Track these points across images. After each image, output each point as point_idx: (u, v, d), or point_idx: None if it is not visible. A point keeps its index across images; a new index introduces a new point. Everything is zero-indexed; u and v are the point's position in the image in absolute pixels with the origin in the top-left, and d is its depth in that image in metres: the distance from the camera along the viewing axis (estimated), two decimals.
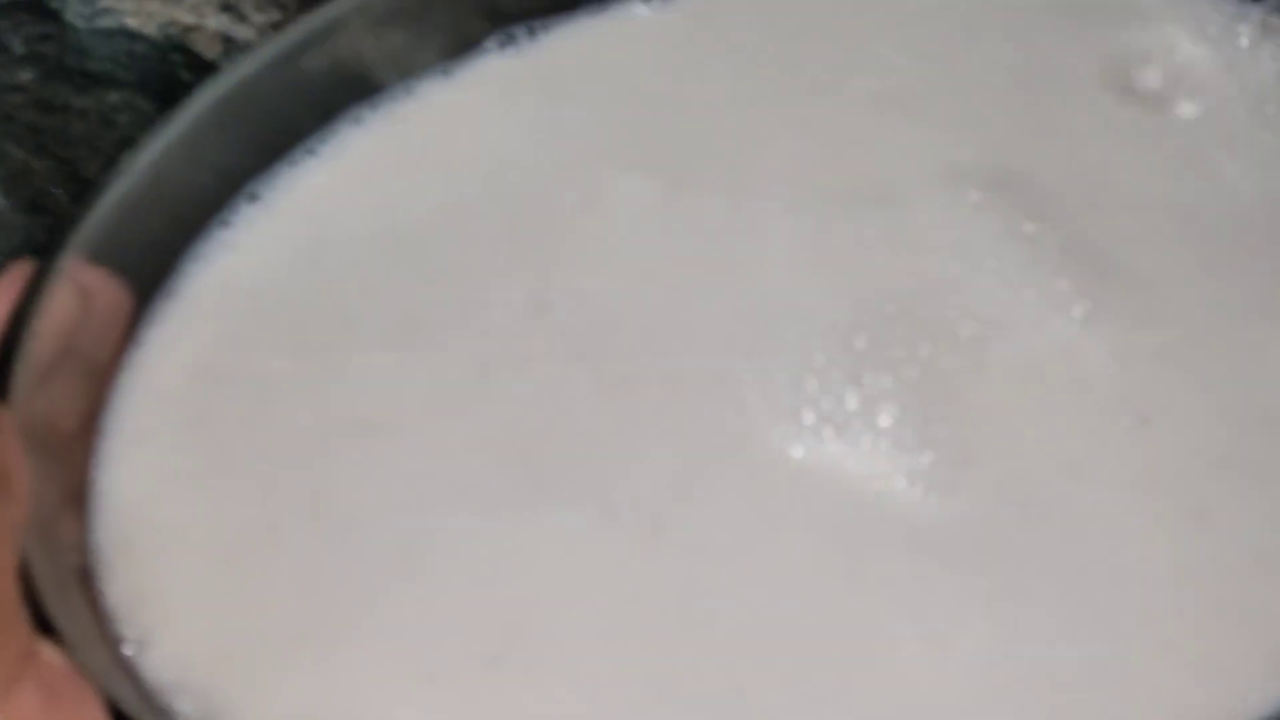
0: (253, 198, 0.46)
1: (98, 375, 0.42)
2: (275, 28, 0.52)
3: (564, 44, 0.49)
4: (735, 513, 0.39)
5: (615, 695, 0.36)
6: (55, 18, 0.53)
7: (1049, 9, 0.49)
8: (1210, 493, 0.39)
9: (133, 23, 0.53)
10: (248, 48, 0.47)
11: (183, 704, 0.36)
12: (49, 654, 0.32)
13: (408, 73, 0.48)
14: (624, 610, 0.37)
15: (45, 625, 0.34)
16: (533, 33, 0.49)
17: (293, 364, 0.43)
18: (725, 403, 0.41)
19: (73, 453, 0.41)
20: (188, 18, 0.54)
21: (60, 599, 0.36)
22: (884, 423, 0.40)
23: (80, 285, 0.40)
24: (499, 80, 0.49)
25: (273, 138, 0.47)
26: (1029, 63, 0.48)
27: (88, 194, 0.42)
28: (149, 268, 0.44)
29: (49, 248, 0.41)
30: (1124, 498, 0.39)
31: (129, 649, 0.37)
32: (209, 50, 0.55)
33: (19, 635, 0.32)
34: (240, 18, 0.55)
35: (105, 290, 0.41)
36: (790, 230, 0.44)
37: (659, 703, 0.36)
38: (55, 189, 0.52)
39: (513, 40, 0.49)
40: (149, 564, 0.39)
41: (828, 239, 0.43)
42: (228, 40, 0.55)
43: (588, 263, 0.44)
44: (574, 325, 0.42)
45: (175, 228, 0.45)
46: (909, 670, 0.36)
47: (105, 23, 0.54)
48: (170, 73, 0.53)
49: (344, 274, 0.45)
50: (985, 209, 0.43)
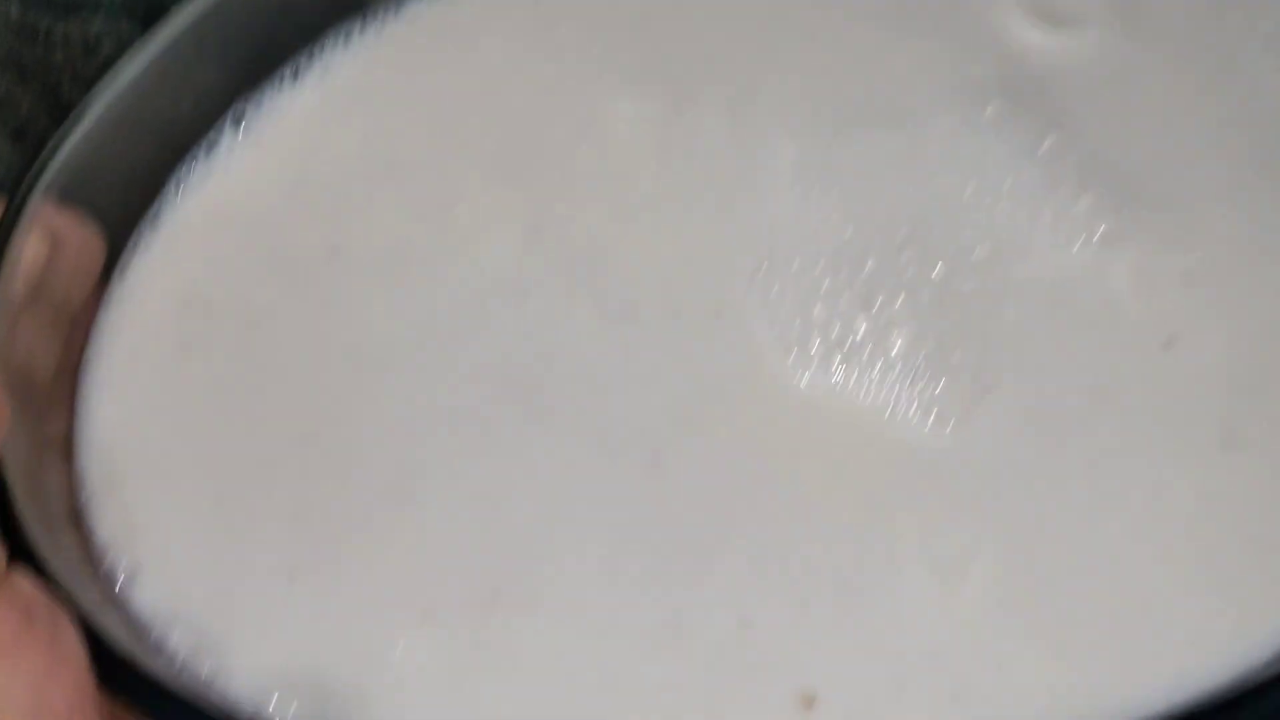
0: (237, 122, 0.45)
1: (72, 318, 0.40)
2: None
3: None
4: (739, 444, 0.37)
5: (617, 629, 0.35)
6: None
7: None
8: (1238, 419, 0.37)
9: None
10: None
11: (175, 638, 0.35)
12: (21, 580, 0.31)
13: None
14: (625, 543, 0.36)
15: (36, 568, 0.33)
16: None
17: (282, 294, 0.41)
18: (728, 331, 0.39)
19: (54, 395, 0.39)
20: None
21: (50, 540, 0.35)
22: (895, 349, 0.38)
23: (50, 229, 0.39)
24: None
25: (257, 59, 0.45)
26: None
27: (64, 123, 0.41)
28: (131, 195, 0.43)
29: (20, 181, 0.39)
30: (1148, 424, 0.37)
31: (119, 584, 0.36)
32: None
33: None
34: None
35: (76, 234, 0.40)
36: (796, 151, 0.42)
37: (663, 635, 0.34)
38: (39, 117, 0.50)
39: None
40: (139, 499, 0.38)
41: (835, 159, 0.41)
42: None
43: (584, 188, 0.42)
44: (570, 253, 0.41)
45: (157, 154, 0.44)
46: (918, 602, 0.34)
47: None
48: None
49: (333, 201, 0.43)
50: (1000, 126, 0.41)
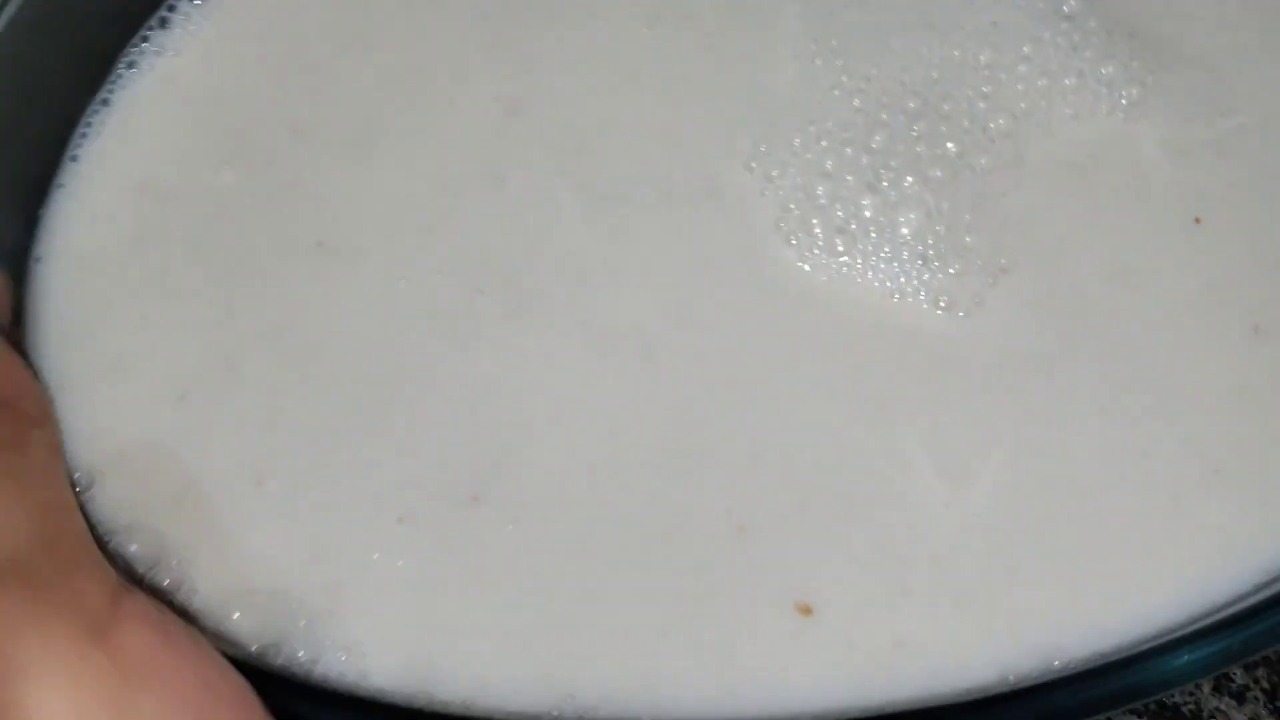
0: None
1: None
2: None
3: None
4: (736, 336, 0.35)
5: (604, 534, 0.33)
6: None
7: None
8: (1272, 301, 0.34)
9: None
10: None
11: (133, 547, 0.33)
12: (141, 596, 0.29)
13: None
14: (613, 443, 0.34)
15: None
16: None
17: (244, 179, 0.38)
18: (724, 215, 0.36)
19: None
20: None
21: None
22: (904, 232, 0.35)
23: None
24: None
25: None
26: None
27: None
28: (79, 73, 0.40)
29: None
30: (1174, 308, 0.35)
31: (77, 491, 0.34)
32: None
33: (105, 572, 0.28)
34: None
35: None
36: (797, 15, 0.38)
37: (652, 540, 0.32)
38: None
39: None
40: (96, 400, 0.36)
41: (842, 22, 0.38)
42: None
43: (567, 57, 0.39)
44: (553, 131, 0.38)
45: (107, 28, 0.40)
46: (923, 505, 0.32)
47: None
48: None
49: (298, 76, 0.40)
50: None
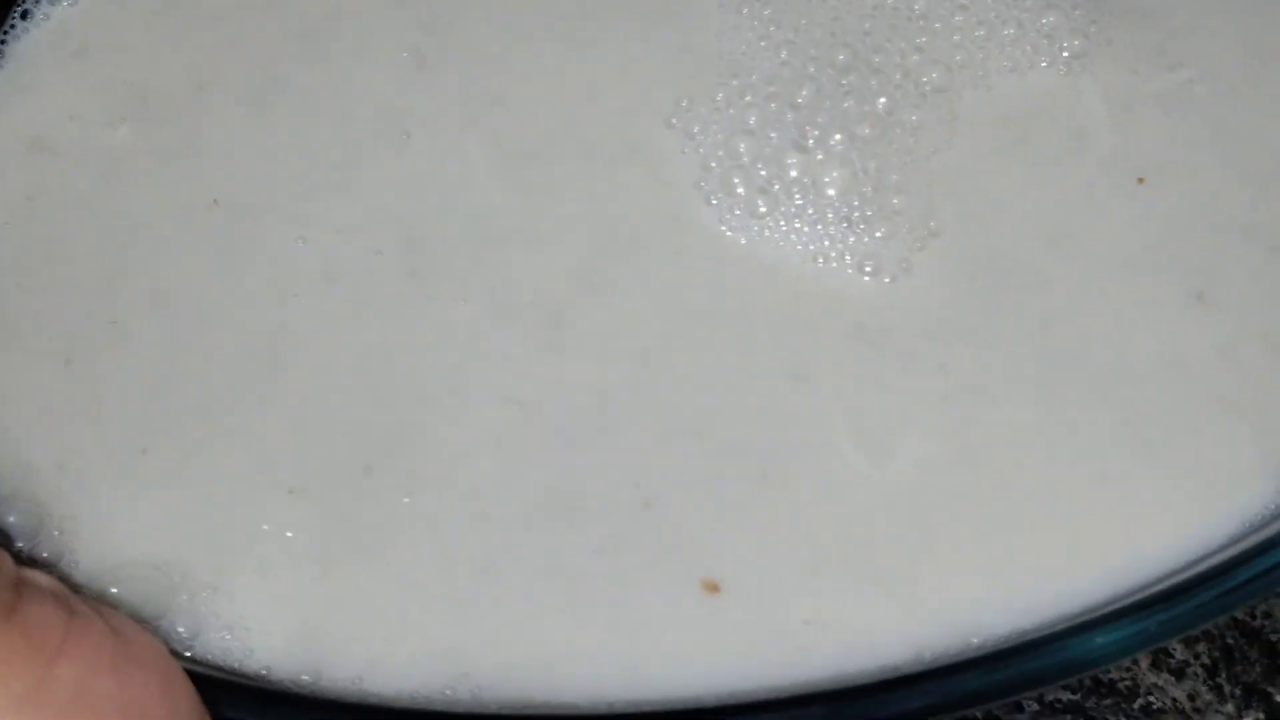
0: None
1: None
2: None
3: None
4: (650, 302, 0.33)
5: (505, 509, 0.31)
6: None
7: None
8: (1215, 267, 0.33)
9: None
10: None
11: (12, 517, 0.32)
12: (43, 578, 0.27)
13: None
14: (517, 414, 0.32)
15: None
16: None
17: (140, 136, 0.36)
18: (643, 175, 0.34)
19: None
20: None
21: None
22: (830, 192, 0.34)
23: None
24: None
25: None
26: None
27: None
28: None
29: None
30: (1114, 274, 0.33)
31: None
32: None
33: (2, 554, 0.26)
34: None
35: None
36: None
37: (554, 517, 0.31)
38: None
39: None
40: None
41: None
42: None
43: (478, 8, 0.36)
44: (465, 85, 0.36)
45: None
46: (839, 481, 0.30)
47: None
48: None
49: (193, 29, 0.37)
50: None
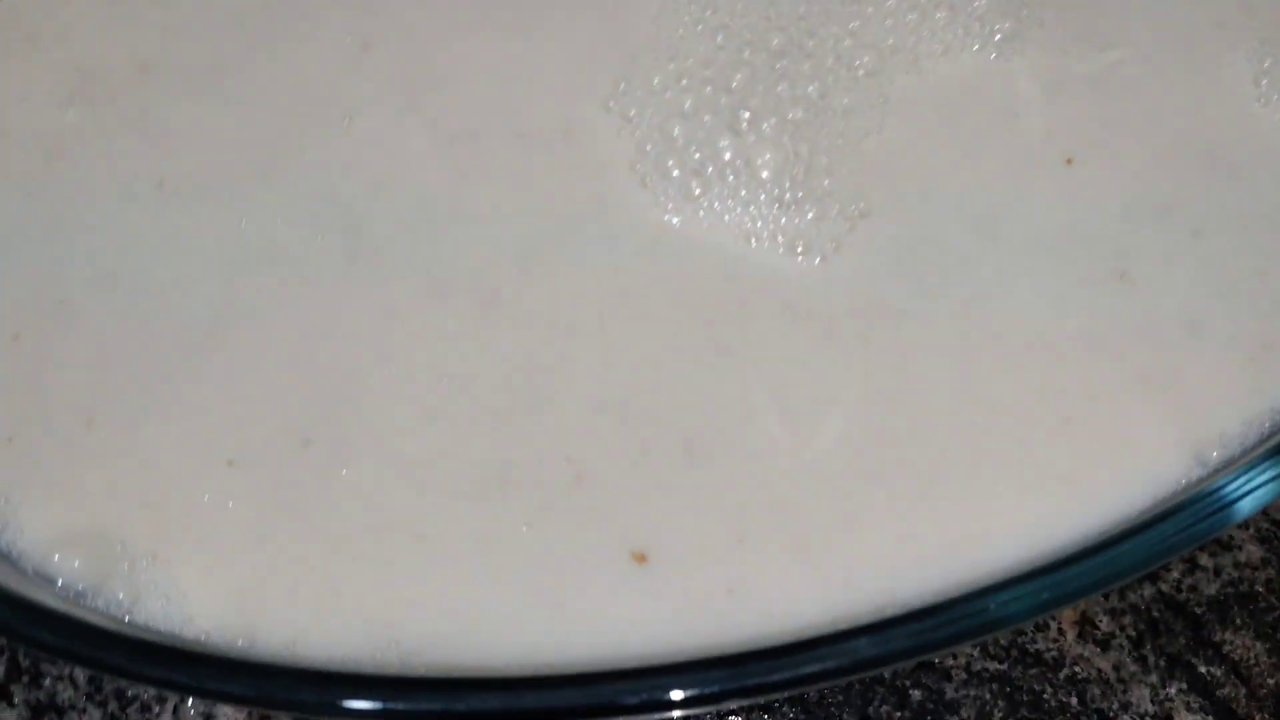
0: None
1: None
2: None
3: None
4: (583, 281, 0.33)
5: (438, 481, 0.31)
6: None
7: None
8: (1138, 247, 0.33)
9: None
10: None
11: None
12: None
13: None
14: (453, 389, 0.32)
15: None
16: None
17: (84, 117, 0.37)
18: (578, 156, 0.35)
19: None
20: None
21: None
22: (763, 174, 0.34)
23: None
24: None
25: None
26: None
27: None
28: None
29: None
30: (1039, 255, 0.33)
31: None
32: None
33: None
34: None
35: None
36: None
37: (487, 486, 0.31)
38: None
39: None
40: None
41: None
42: None
43: None
44: (404, 68, 0.36)
45: None
46: (764, 453, 0.31)
47: None
48: None
49: (145, 10, 0.38)
50: None
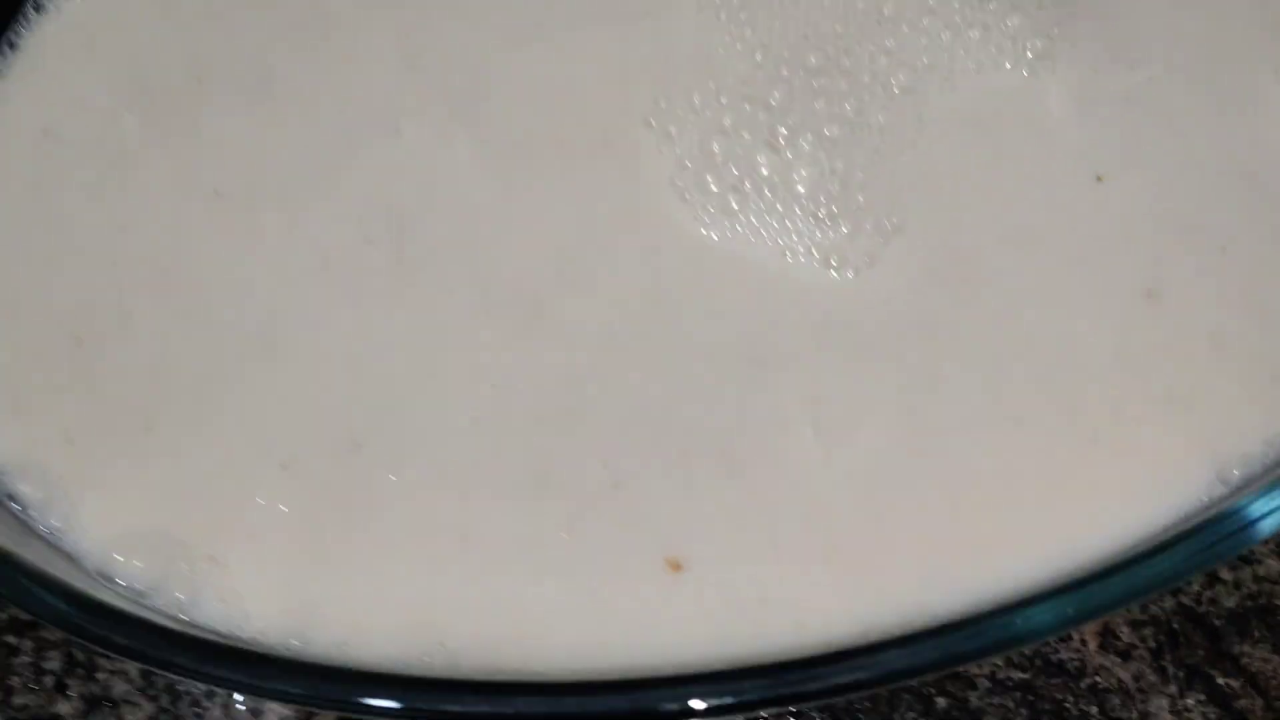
0: None
1: None
2: None
3: None
4: (624, 293, 0.34)
5: (483, 484, 0.33)
6: None
7: None
8: (1167, 264, 0.34)
9: None
10: None
11: (24, 486, 0.34)
12: None
13: None
14: (497, 397, 0.33)
15: None
16: None
17: (143, 125, 0.38)
18: (620, 171, 0.36)
19: None
20: None
21: None
22: (799, 190, 0.35)
23: None
24: None
25: None
26: None
27: None
28: None
29: None
30: (1069, 270, 0.34)
31: None
32: None
33: None
34: None
35: None
36: None
37: (528, 491, 0.32)
38: None
39: None
40: None
41: None
42: None
43: (467, 7, 0.38)
44: (450, 81, 0.37)
45: None
46: (798, 464, 0.32)
47: None
48: None
49: (197, 21, 0.39)
50: None
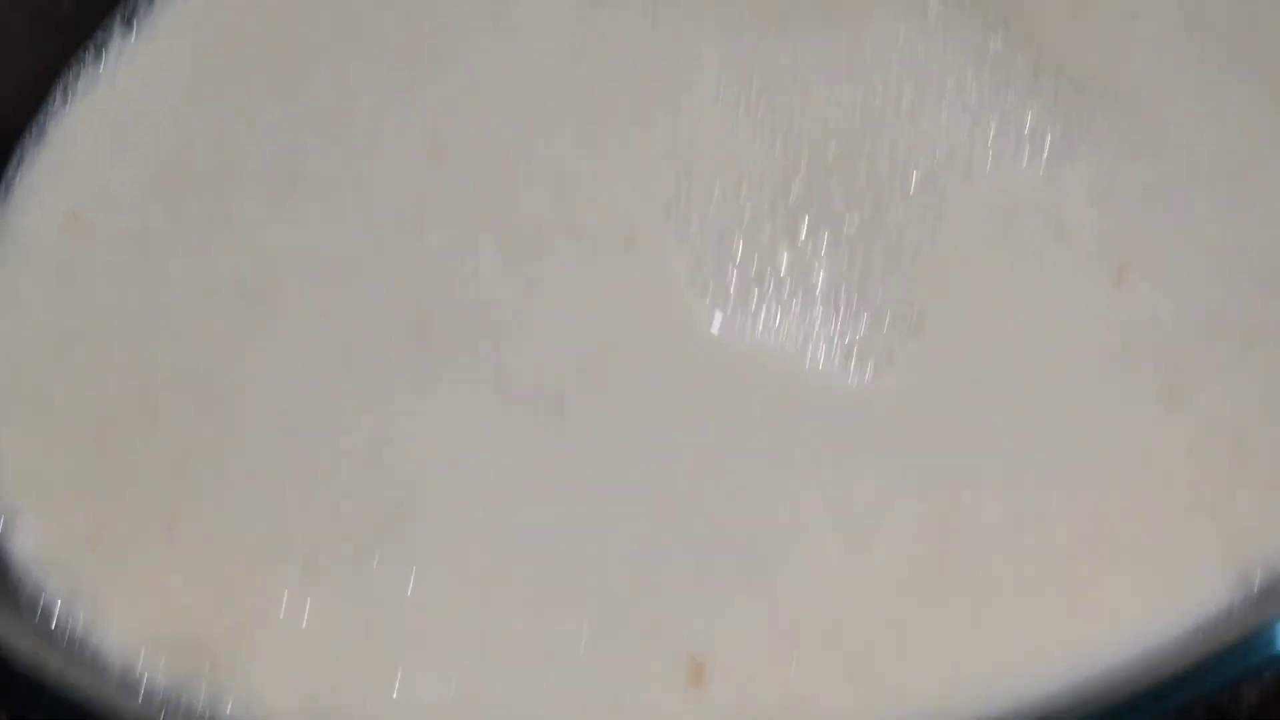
0: (127, 23, 0.41)
1: None
2: None
3: None
4: (646, 390, 0.34)
5: (502, 589, 0.33)
6: None
7: None
8: (1189, 363, 0.34)
9: None
10: None
11: (49, 584, 0.34)
12: None
13: None
14: (517, 496, 0.34)
15: None
16: None
17: (170, 217, 0.39)
18: (640, 265, 0.36)
19: None
20: None
21: None
22: (818, 284, 0.35)
23: None
24: None
25: None
26: None
27: None
28: (12, 107, 0.40)
29: None
30: (1090, 370, 0.34)
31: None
32: None
33: None
34: None
35: None
36: (719, 56, 0.38)
37: (548, 597, 0.33)
38: None
39: None
40: (17, 435, 0.36)
41: (764, 61, 0.37)
42: None
43: (491, 97, 0.38)
44: (474, 175, 0.37)
45: (40, 60, 0.40)
46: (820, 567, 0.32)
47: None
48: None
49: (225, 112, 0.40)
50: (946, 22, 0.37)
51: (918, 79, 0.37)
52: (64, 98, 0.41)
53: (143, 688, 0.32)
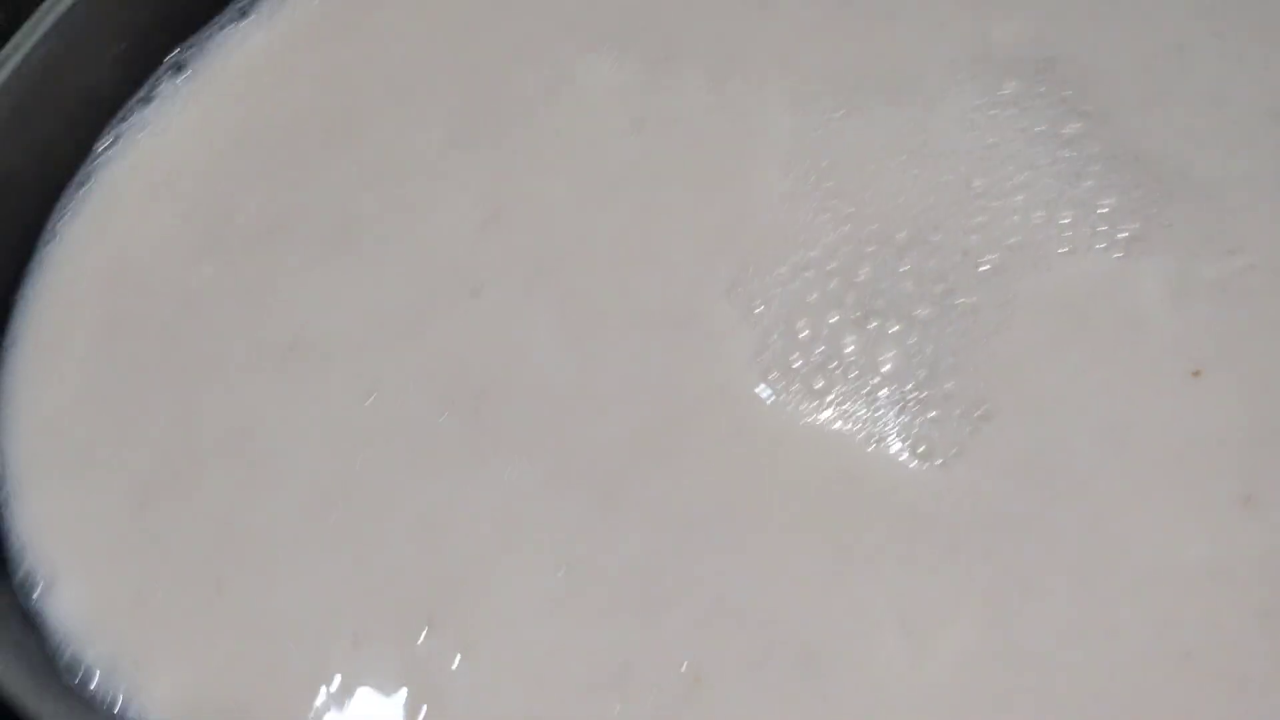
0: (177, 70, 0.40)
1: None
2: None
3: None
4: (704, 476, 0.34)
5: (557, 674, 0.32)
6: None
7: None
8: (1264, 469, 0.33)
9: None
10: None
11: (90, 651, 0.33)
12: None
13: None
14: (573, 579, 0.33)
15: None
16: None
17: (220, 272, 0.38)
18: (701, 345, 0.35)
19: None
20: None
21: None
22: (885, 372, 0.34)
23: None
24: None
25: None
26: None
27: None
28: (58, 154, 0.39)
29: None
30: (1162, 471, 0.33)
31: (38, 593, 0.34)
32: None
33: None
34: None
35: None
36: (787, 129, 0.37)
37: (606, 685, 0.32)
38: None
39: None
40: (61, 495, 0.36)
41: (833, 137, 0.37)
42: None
43: (549, 163, 0.37)
44: (531, 241, 0.37)
45: (88, 106, 0.39)
46: (884, 667, 0.31)
47: None
48: None
49: (277, 163, 0.39)
50: (1021, 104, 0.36)
51: (990, 163, 0.36)
52: (112, 144, 0.40)
53: None
